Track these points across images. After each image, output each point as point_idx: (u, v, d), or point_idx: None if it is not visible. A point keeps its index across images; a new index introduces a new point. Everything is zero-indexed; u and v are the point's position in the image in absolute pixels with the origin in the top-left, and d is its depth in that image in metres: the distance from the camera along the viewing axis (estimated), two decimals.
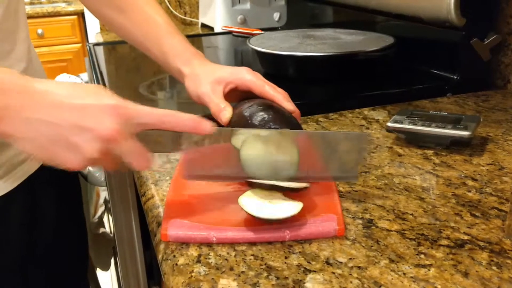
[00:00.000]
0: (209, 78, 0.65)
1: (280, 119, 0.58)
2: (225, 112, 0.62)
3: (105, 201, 1.19)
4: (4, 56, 0.64)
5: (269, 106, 0.61)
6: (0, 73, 0.45)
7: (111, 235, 1.16)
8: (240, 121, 0.60)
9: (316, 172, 0.55)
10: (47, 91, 0.45)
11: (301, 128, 0.60)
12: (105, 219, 1.23)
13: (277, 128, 0.57)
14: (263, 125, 0.58)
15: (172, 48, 0.71)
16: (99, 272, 1.15)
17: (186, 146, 0.52)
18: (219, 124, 0.62)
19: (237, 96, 0.66)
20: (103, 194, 1.18)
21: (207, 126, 0.50)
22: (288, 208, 0.50)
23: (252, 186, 0.54)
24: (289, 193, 0.53)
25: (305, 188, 0.54)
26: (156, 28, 0.72)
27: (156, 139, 0.50)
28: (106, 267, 1.18)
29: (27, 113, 0.44)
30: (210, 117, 0.57)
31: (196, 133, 0.50)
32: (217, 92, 0.64)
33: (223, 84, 0.65)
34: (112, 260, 1.22)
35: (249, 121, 0.58)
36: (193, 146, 0.52)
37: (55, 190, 0.77)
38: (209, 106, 0.64)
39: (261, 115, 0.58)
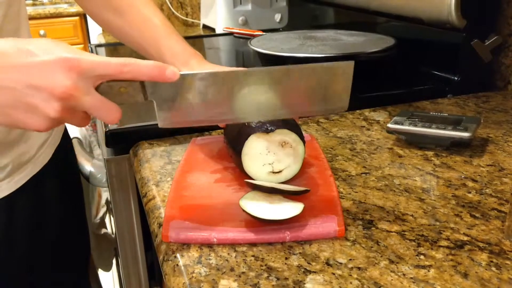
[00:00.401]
0: None
1: (277, 120, 0.58)
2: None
3: (107, 202, 1.19)
4: None
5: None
6: None
7: (113, 236, 1.16)
8: (237, 124, 0.60)
9: (303, 106, 0.53)
10: None
11: (299, 129, 0.60)
12: (106, 220, 1.23)
13: (274, 130, 0.57)
14: (260, 126, 0.58)
15: (170, 49, 0.71)
16: (100, 273, 1.15)
17: (153, 94, 0.49)
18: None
19: None
20: (105, 195, 1.18)
21: (171, 72, 0.47)
22: (289, 209, 0.50)
23: (252, 188, 0.54)
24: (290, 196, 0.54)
25: (307, 191, 0.54)
26: (154, 30, 0.72)
27: (119, 90, 0.47)
28: (108, 268, 1.19)
29: None
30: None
31: (160, 80, 0.47)
32: None
33: None
34: (114, 261, 1.22)
35: (246, 124, 0.59)
36: (161, 93, 0.49)
37: (59, 191, 0.77)
38: None
39: None
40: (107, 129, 0.76)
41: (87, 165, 0.90)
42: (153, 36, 0.73)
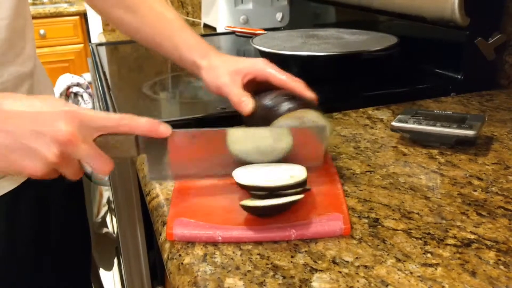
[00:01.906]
0: (228, 69, 0.65)
1: (305, 107, 0.59)
2: (247, 102, 0.61)
3: (108, 201, 1.19)
4: (18, 53, 0.65)
5: (293, 95, 0.62)
6: None
7: (114, 235, 1.16)
8: (264, 112, 0.60)
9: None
10: (2, 103, 0.47)
11: (323, 114, 0.60)
12: (108, 219, 1.23)
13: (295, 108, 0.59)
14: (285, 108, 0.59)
15: (186, 42, 0.71)
16: (102, 273, 1.15)
17: (146, 150, 0.53)
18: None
19: (254, 86, 0.66)
20: (106, 194, 1.18)
21: (164, 128, 0.51)
22: (291, 197, 0.50)
23: (251, 196, 0.54)
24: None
25: (306, 190, 0.53)
26: (168, 24, 0.73)
27: (114, 145, 0.51)
28: (109, 267, 1.18)
29: None
30: (231, 112, 0.58)
31: (154, 135, 0.51)
32: (237, 82, 0.64)
33: (242, 74, 0.65)
34: (115, 260, 1.22)
35: (275, 111, 0.59)
36: (152, 149, 0.53)
37: (61, 187, 0.77)
38: (229, 97, 0.64)
39: (287, 105, 0.60)
40: None
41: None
42: (168, 31, 0.73)
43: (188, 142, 0.54)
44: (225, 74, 0.65)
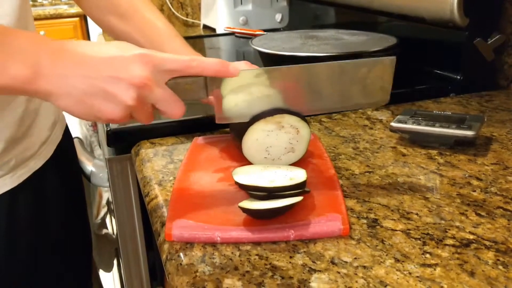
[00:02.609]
0: None
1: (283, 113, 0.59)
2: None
3: (108, 202, 1.19)
4: None
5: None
6: (30, 33, 0.48)
7: (114, 236, 1.16)
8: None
9: (351, 99, 0.57)
10: (77, 49, 0.48)
11: (304, 119, 0.60)
12: (107, 220, 1.23)
13: (273, 115, 0.58)
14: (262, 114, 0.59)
15: (174, 51, 0.72)
16: (101, 274, 1.15)
17: (215, 91, 0.54)
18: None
19: None
20: (106, 195, 1.18)
21: (233, 68, 0.52)
22: (290, 200, 0.50)
23: (249, 197, 0.54)
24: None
25: (305, 192, 0.53)
26: (158, 33, 0.74)
27: (184, 87, 0.52)
28: (109, 268, 1.18)
29: (62, 70, 0.46)
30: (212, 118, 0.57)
31: (224, 76, 0.52)
32: None
33: None
34: (115, 261, 1.21)
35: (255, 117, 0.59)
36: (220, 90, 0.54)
37: (60, 186, 0.78)
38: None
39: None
40: (109, 128, 0.76)
41: (88, 165, 0.90)
42: (158, 40, 0.74)
43: (257, 81, 0.55)
44: None
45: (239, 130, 0.62)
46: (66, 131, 0.83)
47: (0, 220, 0.67)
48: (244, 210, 0.49)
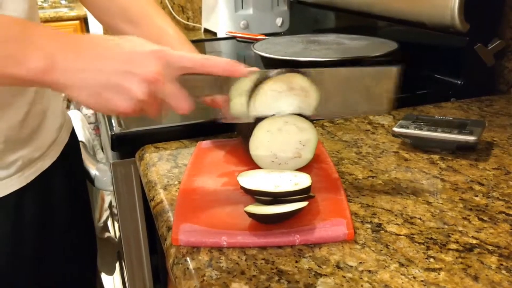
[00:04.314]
0: None
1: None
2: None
3: (110, 206, 1.19)
4: None
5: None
6: (47, 27, 0.50)
7: (116, 239, 1.16)
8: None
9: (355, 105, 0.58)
10: (93, 44, 0.50)
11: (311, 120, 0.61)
12: (109, 223, 1.23)
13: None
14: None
15: None
16: (103, 277, 1.15)
17: (223, 90, 0.55)
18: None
19: None
20: (108, 198, 1.18)
21: (243, 69, 0.54)
22: (296, 205, 0.50)
23: (255, 201, 0.54)
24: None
25: (313, 197, 0.54)
26: (168, 39, 0.75)
27: (194, 84, 0.53)
28: (111, 272, 1.18)
29: (78, 64, 0.48)
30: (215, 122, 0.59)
31: (233, 75, 0.54)
32: None
33: None
34: (117, 265, 1.22)
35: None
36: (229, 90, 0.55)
37: (66, 188, 0.78)
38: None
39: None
40: (113, 133, 0.76)
41: (92, 169, 0.90)
42: (168, 46, 0.74)
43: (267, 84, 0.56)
44: None
45: (246, 132, 0.63)
46: (72, 133, 0.84)
47: (7, 219, 0.68)
48: (251, 215, 0.50)
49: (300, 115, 0.59)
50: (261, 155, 0.61)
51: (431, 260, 0.47)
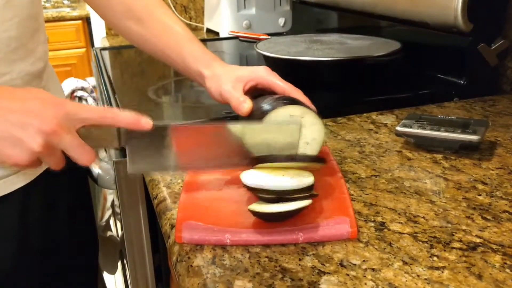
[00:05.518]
0: (230, 77, 0.67)
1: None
2: (245, 104, 0.63)
3: (112, 205, 1.19)
4: (29, 53, 0.67)
5: (292, 99, 0.62)
6: None
7: (118, 238, 1.16)
8: (262, 115, 0.61)
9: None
10: None
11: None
12: (111, 222, 1.23)
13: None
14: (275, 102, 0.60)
15: (192, 54, 0.72)
16: (105, 276, 1.15)
17: (127, 142, 0.54)
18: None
19: (255, 93, 0.68)
20: (110, 197, 1.18)
21: (146, 122, 0.52)
22: (299, 203, 0.50)
23: (258, 199, 0.54)
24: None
25: (316, 195, 0.54)
26: (176, 37, 0.74)
27: (98, 136, 0.53)
28: (113, 271, 1.19)
29: None
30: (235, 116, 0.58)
31: (135, 128, 0.52)
32: (238, 89, 0.66)
33: (244, 81, 0.67)
34: (119, 263, 1.22)
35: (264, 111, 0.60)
36: (133, 141, 0.54)
37: (70, 186, 0.79)
38: (230, 101, 0.66)
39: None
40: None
41: (95, 167, 0.91)
42: (176, 43, 0.74)
43: (170, 136, 0.55)
44: (228, 81, 0.67)
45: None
46: None
47: (13, 216, 0.68)
48: (254, 213, 0.50)
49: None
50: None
51: (435, 258, 0.47)
